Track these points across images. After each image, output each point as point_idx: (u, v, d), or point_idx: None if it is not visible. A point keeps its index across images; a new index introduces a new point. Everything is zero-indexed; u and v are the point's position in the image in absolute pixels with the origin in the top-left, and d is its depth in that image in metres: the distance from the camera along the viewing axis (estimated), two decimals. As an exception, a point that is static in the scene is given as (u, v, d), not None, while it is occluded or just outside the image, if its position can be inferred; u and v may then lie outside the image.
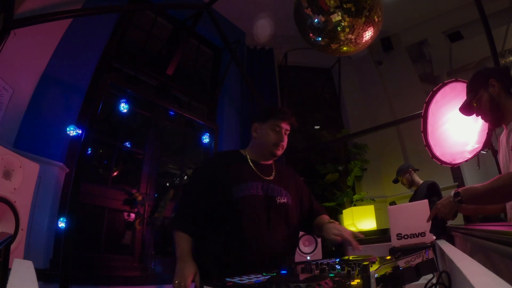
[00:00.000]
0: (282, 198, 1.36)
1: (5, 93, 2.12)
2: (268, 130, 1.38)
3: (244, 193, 1.29)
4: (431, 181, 2.97)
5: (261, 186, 1.34)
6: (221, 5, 3.51)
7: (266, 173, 1.40)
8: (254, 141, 1.45)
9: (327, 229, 1.28)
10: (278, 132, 1.38)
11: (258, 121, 1.43)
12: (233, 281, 0.63)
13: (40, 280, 1.99)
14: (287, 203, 1.38)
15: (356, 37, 2.17)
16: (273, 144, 1.38)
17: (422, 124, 2.10)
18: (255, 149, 1.44)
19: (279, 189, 1.38)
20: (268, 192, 1.34)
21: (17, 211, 1.47)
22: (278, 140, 1.38)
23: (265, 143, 1.39)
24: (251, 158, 1.42)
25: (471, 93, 1.45)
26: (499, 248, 0.54)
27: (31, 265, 0.79)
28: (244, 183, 1.31)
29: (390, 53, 4.77)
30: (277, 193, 1.36)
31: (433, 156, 2.05)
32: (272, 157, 1.43)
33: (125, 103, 2.79)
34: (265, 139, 1.39)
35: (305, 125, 4.93)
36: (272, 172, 1.44)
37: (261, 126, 1.41)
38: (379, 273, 0.62)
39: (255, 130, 1.43)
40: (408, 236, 1.74)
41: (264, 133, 1.39)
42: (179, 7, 3.58)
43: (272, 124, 1.38)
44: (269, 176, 1.40)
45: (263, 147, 1.40)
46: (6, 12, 1.91)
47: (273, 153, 1.39)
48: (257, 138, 1.42)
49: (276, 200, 1.34)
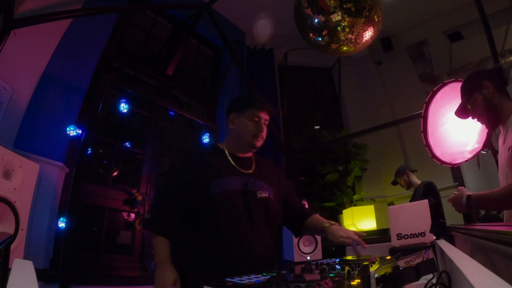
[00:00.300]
0: (263, 193, 1.29)
1: (5, 93, 2.12)
2: (246, 120, 1.30)
3: (222, 188, 1.22)
4: (427, 181, 2.99)
5: (240, 181, 1.26)
6: (221, 5, 3.50)
7: (245, 167, 1.32)
8: (232, 133, 1.36)
9: (333, 232, 1.23)
10: (257, 123, 1.30)
11: (235, 111, 1.34)
12: (233, 281, 0.63)
13: (40, 280, 1.99)
14: (269, 197, 1.30)
15: (356, 37, 2.17)
16: (252, 135, 1.30)
17: (422, 124, 2.10)
18: (233, 142, 1.36)
19: (260, 183, 1.30)
20: (248, 187, 1.27)
21: (17, 211, 1.47)
22: (257, 130, 1.30)
23: (243, 134, 1.31)
24: (229, 151, 1.34)
25: (465, 97, 1.45)
26: (499, 248, 0.54)
27: (31, 265, 0.79)
28: (222, 178, 1.23)
29: (390, 53, 4.77)
30: (257, 187, 1.29)
31: (433, 156, 2.05)
32: (251, 149, 1.34)
33: (125, 103, 2.79)
34: (244, 130, 1.30)
35: (305, 125, 4.93)
36: (251, 165, 1.36)
37: (238, 116, 1.32)
38: (379, 273, 0.62)
39: (232, 121, 1.34)
40: (408, 236, 1.74)
41: (242, 124, 1.31)
42: (179, 7, 3.58)
43: (251, 114, 1.30)
44: (248, 170, 1.32)
45: (242, 139, 1.32)
46: (6, 12, 1.91)
47: (252, 144, 1.31)
48: (234, 129, 1.34)
49: (256, 194, 1.27)
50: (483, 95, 1.36)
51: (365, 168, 4.18)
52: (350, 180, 3.96)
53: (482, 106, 1.37)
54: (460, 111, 1.49)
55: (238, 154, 1.35)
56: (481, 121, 1.44)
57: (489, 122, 1.40)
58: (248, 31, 4.55)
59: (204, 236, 1.19)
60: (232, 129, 1.35)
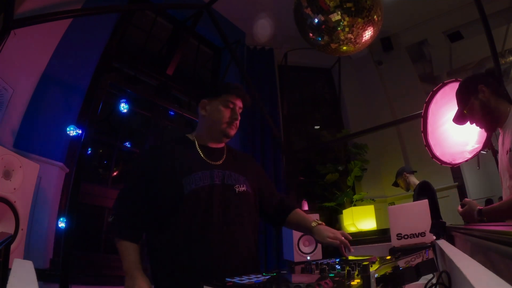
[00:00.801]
0: (240, 187, 1.18)
1: (5, 93, 2.12)
2: (220, 106, 1.19)
3: (195, 185, 1.10)
4: (421, 181, 3.06)
5: (215, 174, 1.15)
6: (221, 5, 3.50)
7: (216, 159, 1.21)
8: (202, 121, 1.24)
9: (320, 232, 1.17)
10: (232, 110, 1.20)
11: (207, 97, 1.23)
12: (233, 281, 0.63)
13: (40, 280, 1.99)
14: (247, 191, 1.20)
15: (356, 37, 2.17)
16: (226, 122, 1.19)
17: (422, 124, 2.10)
18: (204, 131, 1.24)
19: (236, 176, 1.20)
20: (225, 181, 1.16)
21: (17, 211, 1.47)
22: (232, 118, 1.20)
23: (216, 121, 1.19)
24: (199, 142, 1.23)
25: (461, 103, 1.45)
26: (499, 248, 0.54)
27: (31, 265, 0.79)
28: (193, 174, 1.12)
29: (390, 53, 4.77)
30: (234, 180, 1.18)
31: (433, 156, 2.05)
32: (224, 138, 1.23)
33: (125, 103, 2.80)
34: (216, 117, 1.19)
35: (305, 125, 4.93)
36: (223, 156, 1.24)
37: (211, 102, 1.21)
38: (379, 273, 0.62)
39: (203, 107, 1.23)
40: (408, 236, 1.74)
41: (215, 110, 1.20)
42: (179, 7, 3.58)
43: (224, 100, 1.19)
44: (219, 161, 1.21)
45: (214, 127, 1.20)
46: (6, 12, 1.90)
47: (225, 133, 1.20)
48: (206, 116, 1.22)
49: (234, 189, 1.17)
50: (479, 99, 1.36)
51: (365, 168, 4.18)
52: (350, 180, 3.96)
53: (479, 110, 1.36)
54: (458, 118, 1.49)
55: (210, 144, 1.24)
56: (479, 126, 1.44)
57: (487, 125, 1.40)
58: (248, 31, 4.55)
59: (179, 237, 1.08)
60: (204, 116, 1.23)
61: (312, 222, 1.23)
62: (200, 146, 1.22)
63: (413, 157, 4.05)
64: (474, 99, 1.38)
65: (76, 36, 2.69)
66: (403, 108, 4.07)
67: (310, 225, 1.23)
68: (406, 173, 3.17)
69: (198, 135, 1.26)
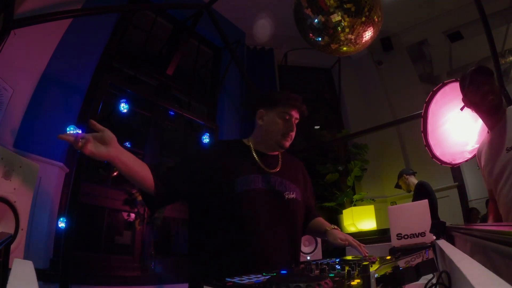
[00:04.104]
0: (290, 194, 1.21)
1: (5, 93, 2.12)
2: (276, 117, 1.22)
3: (247, 187, 1.14)
4: (419, 181, 3.10)
5: (266, 180, 1.19)
6: (221, 5, 3.50)
7: (271, 165, 1.25)
8: (259, 130, 1.27)
9: (332, 234, 1.21)
10: (288, 121, 1.22)
11: (264, 107, 1.26)
12: (233, 281, 0.63)
13: (40, 280, 1.99)
14: (296, 199, 1.23)
15: (356, 37, 2.17)
16: (282, 134, 1.22)
17: (422, 124, 2.09)
18: (260, 139, 1.27)
19: (287, 183, 1.23)
20: (276, 187, 1.19)
21: (17, 211, 1.47)
22: (288, 129, 1.22)
23: (272, 132, 1.23)
24: (255, 148, 1.26)
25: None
26: (499, 248, 0.54)
27: (31, 265, 0.79)
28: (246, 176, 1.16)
29: (390, 53, 4.77)
30: (285, 187, 1.22)
31: (433, 156, 2.05)
32: (279, 149, 1.27)
33: (125, 103, 2.79)
34: (273, 128, 1.22)
35: (305, 125, 4.93)
36: (278, 164, 1.28)
37: (268, 113, 1.24)
38: (379, 273, 0.62)
39: (260, 117, 1.26)
40: (408, 236, 1.74)
41: (272, 121, 1.23)
42: (179, 7, 3.58)
43: (281, 111, 1.22)
44: (274, 169, 1.25)
45: (270, 137, 1.24)
46: (6, 12, 1.90)
47: (281, 144, 1.23)
48: (263, 126, 1.25)
49: (284, 195, 1.20)
50: None
51: (365, 168, 4.18)
52: (350, 180, 3.97)
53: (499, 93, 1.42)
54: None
55: (265, 151, 1.27)
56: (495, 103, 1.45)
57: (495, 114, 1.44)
58: (248, 31, 4.55)
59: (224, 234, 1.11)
60: (260, 126, 1.26)
61: (328, 226, 1.28)
62: (256, 152, 1.26)
63: (413, 157, 4.05)
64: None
65: (76, 36, 2.69)
66: (403, 108, 4.08)
67: (325, 228, 1.26)
68: (406, 175, 3.21)
69: (254, 141, 1.29)
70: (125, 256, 2.78)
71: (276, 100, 1.25)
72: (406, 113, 2.87)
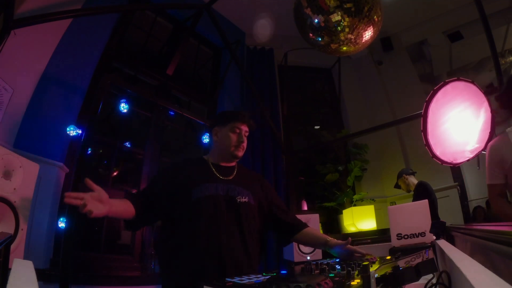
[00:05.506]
0: (242, 198, 1.36)
1: (5, 93, 2.12)
2: (228, 132, 1.41)
3: (202, 194, 1.29)
4: (418, 182, 3.10)
5: (220, 187, 1.34)
6: (221, 5, 3.50)
7: (226, 174, 1.41)
8: (215, 145, 1.47)
9: (335, 242, 1.31)
10: (238, 134, 1.42)
11: (218, 125, 1.46)
12: (233, 281, 0.63)
13: (40, 280, 1.99)
14: (248, 202, 1.37)
15: (356, 37, 2.17)
16: (234, 145, 1.41)
17: (422, 123, 2.09)
18: (216, 153, 1.46)
19: (240, 189, 1.38)
20: (229, 192, 1.34)
21: (17, 211, 1.47)
22: (239, 141, 1.41)
23: (225, 145, 1.41)
24: (212, 161, 1.45)
25: None
26: (499, 248, 0.54)
27: (31, 265, 0.79)
28: (202, 185, 1.32)
29: (390, 53, 4.77)
30: (237, 192, 1.36)
31: (433, 155, 2.05)
32: (233, 159, 1.45)
33: (125, 103, 2.79)
34: (226, 142, 1.41)
35: (305, 125, 4.93)
36: (233, 173, 1.45)
37: (221, 129, 1.44)
38: (379, 273, 0.62)
39: (215, 134, 1.46)
40: (408, 236, 1.74)
41: (225, 136, 1.42)
42: (179, 7, 3.58)
43: (232, 126, 1.42)
44: (229, 176, 1.41)
45: (224, 150, 1.42)
46: (6, 12, 1.90)
47: (234, 154, 1.41)
48: (218, 141, 1.45)
49: (236, 199, 1.34)
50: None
51: (365, 168, 4.18)
52: (350, 180, 3.96)
53: None
54: None
55: (221, 163, 1.45)
56: None
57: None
58: (248, 31, 4.55)
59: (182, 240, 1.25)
60: (216, 141, 1.46)
61: (328, 238, 1.37)
62: (213, 164, 1.44)
63: (413, 157, 4.05)
64: None
65: (76, 36, 2.69)
66: (403, 108, 4.08)
67: (326, 240, 1.36)
68: (405, 175, 3.21)
69: (212, 156, 1.48)
70: (125, 256, 2.78)
71: (227, 118, 1.44)
72: (406, 113, 2.86)
